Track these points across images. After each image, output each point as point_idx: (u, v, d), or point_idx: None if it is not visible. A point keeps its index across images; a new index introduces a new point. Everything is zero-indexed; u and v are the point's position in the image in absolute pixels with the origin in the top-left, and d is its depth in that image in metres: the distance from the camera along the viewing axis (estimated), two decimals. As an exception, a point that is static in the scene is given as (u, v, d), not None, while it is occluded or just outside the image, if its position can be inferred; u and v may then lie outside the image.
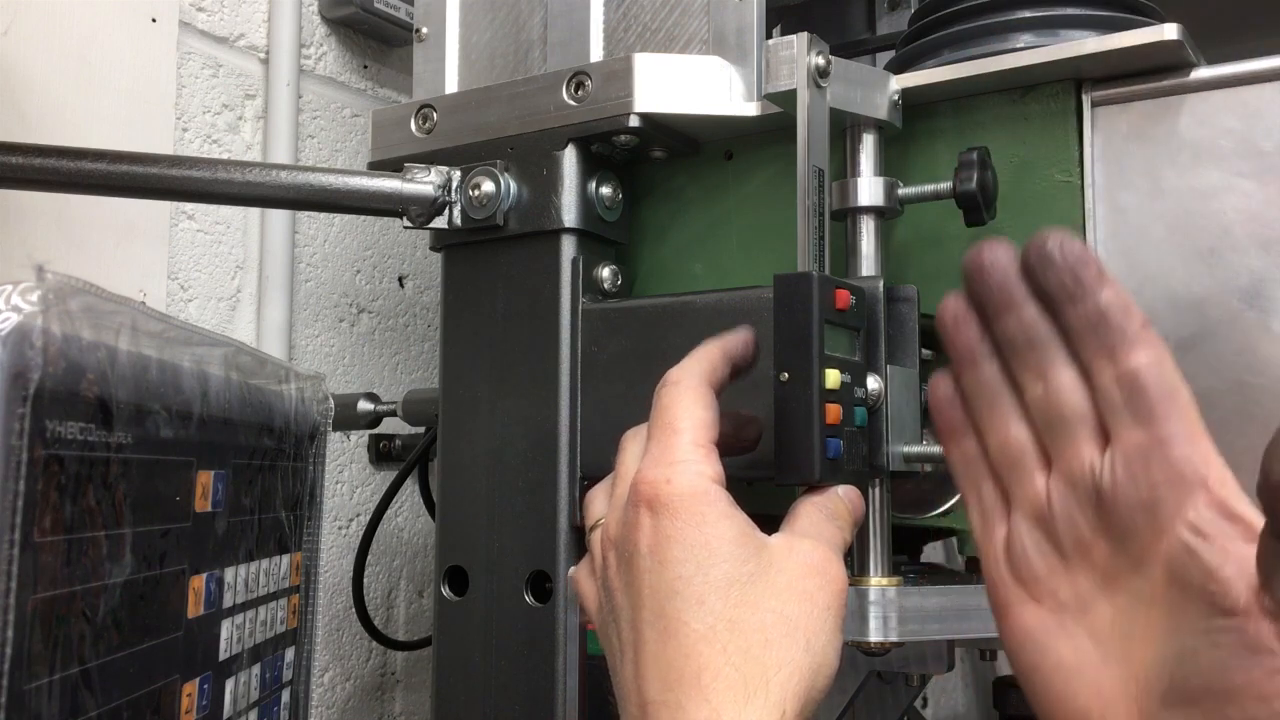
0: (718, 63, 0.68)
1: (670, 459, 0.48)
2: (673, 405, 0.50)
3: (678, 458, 0.48)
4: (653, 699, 0.44)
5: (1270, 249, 0.58)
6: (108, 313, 0.45)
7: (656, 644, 0.45)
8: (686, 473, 0.48)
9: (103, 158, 0.68)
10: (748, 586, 0.46)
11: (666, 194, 0.75)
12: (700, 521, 0.46)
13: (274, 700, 0.66)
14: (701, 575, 0.45)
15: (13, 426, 0.39)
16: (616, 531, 0.50)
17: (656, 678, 0.45)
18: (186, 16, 0.92)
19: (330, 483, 1.03)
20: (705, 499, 0.47)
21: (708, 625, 0.45)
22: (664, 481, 0.47)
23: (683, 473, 0.48)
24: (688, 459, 0.48)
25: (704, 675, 0.43)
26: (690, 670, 0.44)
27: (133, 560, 0.47)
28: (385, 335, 1.11)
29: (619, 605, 0.49)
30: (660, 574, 0.46)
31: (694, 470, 0.48)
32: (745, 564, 0.46)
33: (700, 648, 0.44)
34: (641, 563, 0.47)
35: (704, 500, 0.47)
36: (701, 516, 0.47)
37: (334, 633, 1.04)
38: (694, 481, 0.47)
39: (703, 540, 0.46)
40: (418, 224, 0.72)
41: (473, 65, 0.78)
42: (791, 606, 0.46)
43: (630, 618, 0.47)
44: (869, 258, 0.64)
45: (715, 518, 0.47)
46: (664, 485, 0.47)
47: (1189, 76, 0.60)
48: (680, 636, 0.45)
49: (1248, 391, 0.58)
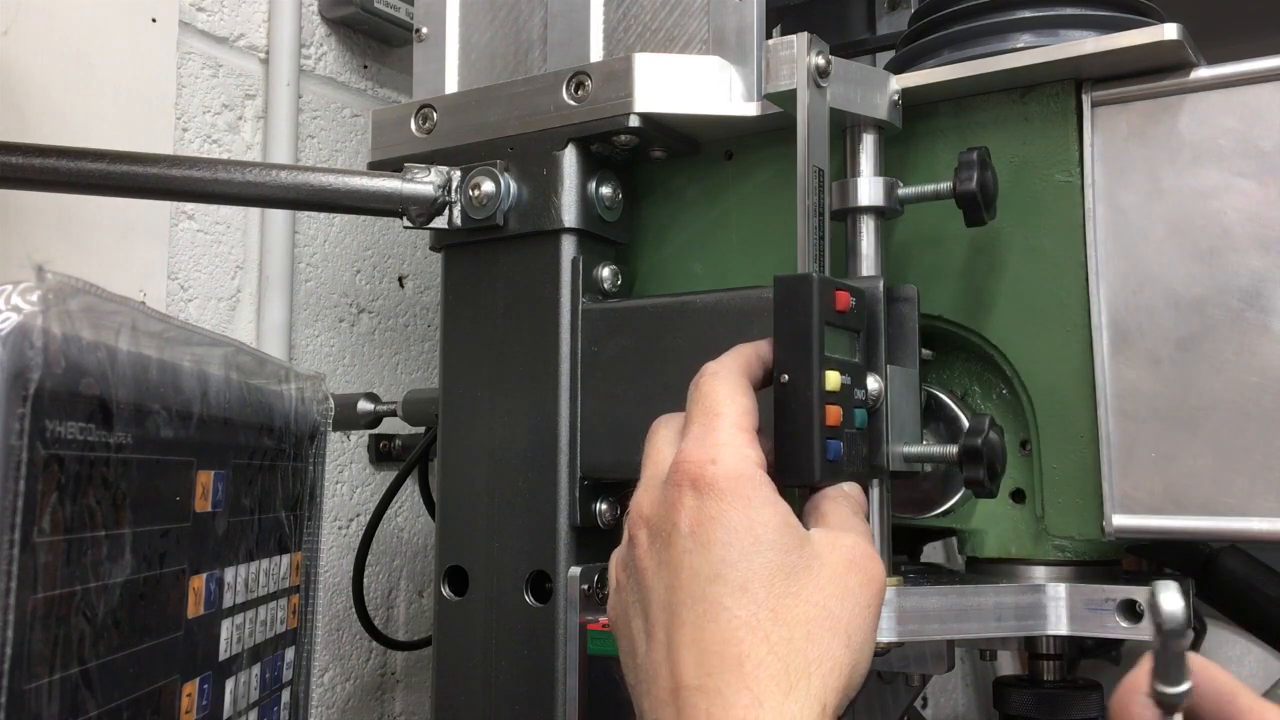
0: (718, 63, 0.68)
1: (714, 440, 0.47)
2: (713, 392, 0.49)
3: (721, 440, 0.47)
4: (688, 683, 0.43)
5: (1270, 249, 0.58)
6: (108, 313, 0.45)
7: (695, 627, 0.44)
8: (732, 455, 0.47)
9: (103, 158, 0.68)
10: (791, 577, 0.45)
11: (666, 194, 0.75)
12: (746, 505, 0.45)
13: (274, 700, 0.66)
14: (746, 561, 0.44)
15: (13, 426, 0.39)
16: (652, 510, 0.48)
17: (693, 661, 0.43)
18: (186, 16, 0.92)
19: (330, 483, 1.03)
20: (751, 482, 0.46)
21: (750, 612, 0.43)
22: (709, 462, 0.46)
23: (729, 455, 0.46)
24: (732, 441, 0.47)
25: (746, 663, 0.42)
26: (731, 656, 0.43)
27: (133, 560, 0.47)
28: (385, 335, 1.11)
29: (649, 585, 0.47)
30: (703, 555, 0.45)
31: (740, 453, 0.47)
32: (790, 553, 0.45)
33: (742, 634, 0.43)
34: (682, 542, 0.45)
35: (750, 484, 0.46)
36: (748, 500, 0.45)
37: (334, 633, 1.04)
38: (740, 464, 0.46)
39: (748, 525, 0.45)
40: (418, 224, 0.72)
41: (473, 65, 0.78)
42: (834, 601, 0.45)
43: (664, 599, 0.46)
44: (869, 258, 0.64)
45: (761, 503, 0.46)
46: (709, 465, 0.46)
47: (1189, 76, 0.60)
48: (721, 621, 0.43)
49: (1248, 391, 0.58)
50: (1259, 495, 0.57)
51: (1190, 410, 0.59)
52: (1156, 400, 0.60)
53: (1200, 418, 0.59)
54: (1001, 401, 0.68)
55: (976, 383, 0.69)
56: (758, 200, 0.72)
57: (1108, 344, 0.61)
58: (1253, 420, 0.58)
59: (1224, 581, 0.84)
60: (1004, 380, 0.67)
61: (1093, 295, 0.62)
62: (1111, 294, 0.61)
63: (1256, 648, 1.22)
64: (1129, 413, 0.60)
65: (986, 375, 0.68)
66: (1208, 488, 0.58)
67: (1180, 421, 0.59)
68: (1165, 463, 0.59)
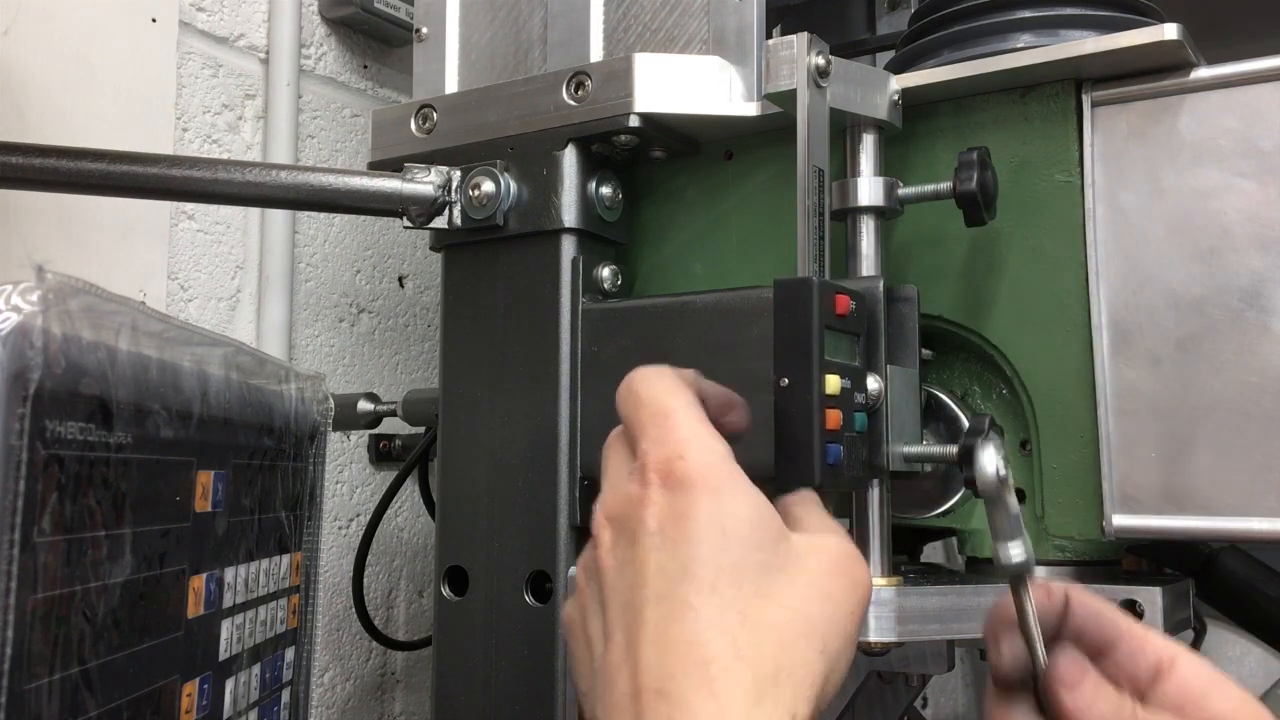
0: (718, 63, 0.68)
1: (676, 437, 0.44)
2: (652, 392, 0.46)
3: (684, 436, 0.44)
4: (649, 686, 0.40)
5: (1270, 249, 0.58)
6: (108, 313, 0.45)
7: (658, 627, 0.41)
8: (699, 448, 0.44)
9: (103, 158, 0.68)
10: (764, 577, 0.42)
11: (666, 194, 0.75)
12: (717, 500, 0.43)
13: (274, 700, 0.66)
14: (715, 558, 0.42)
15: (13, 426, 0.39)
16: (617, 509, 0.45)
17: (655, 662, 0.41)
18: (186, 16, 0.92)
19: (330, 483, 1.03)
20: (722, 475, 0.43)
21: (718, 613, 0.41)
22: (677, 458, 0.43)
23: (695, 448, 0.44)
24: (696, 435, 0.44)
25: (711, 666, 0.40)
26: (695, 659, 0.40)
27: (133, 560, 0.47)
28: (385, 335, 1.11)
29: (610, 585, 0.44)
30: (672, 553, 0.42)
31: (706, 445, 0.44)
32: (763, 551, 0.43)
33: (708, 636, 0.40)
34: (648, 540, 0.43)
35: (721, 477, 0.43)
36: (719, 494, 0.43)
37: (334, 633, 1.04)
38: (709, 457, 0.44)
39: (719, 519, 0.42)
40: (418, 224, 0.72)
41: (473, 65, 0.78)
42: (813, 606, 0.43)
43: (626, 599, 0.43)
44: (869, 258, 0.64)
45: (733, 495, 0.43)
46: (678, 462, 0.43)
47: (1189, 76, 0.60)
48: (687, 621, 0.41)
49: (1248, 391, 0.58)
50: (1259, 495, 0.57)
51: (1190, 410, 0.59)
52: (1156, 400, 0.60)
53: (1200, 418, 0.59)
54: (1001, 401, 0.68)
55: (976, 383, 0.69)
56: (758, 200, 0.72)
57: (1108, 344, 0.61)
58: (1253, 420, 0.58)
59: (1224, 581, 0.83)
60: (1004, 380, 0.67)
61: (1093, 295, 0.62)
62: (1111, 294, 0.61)
63: (1256, 648, 1.22)
64: (1129, 413, 0.60)
65: (986, 375, 0.68)
66: (1208, 488, 0.58)
67: (1180, 421, 0.59)
68: (1165, 463, 0.59)
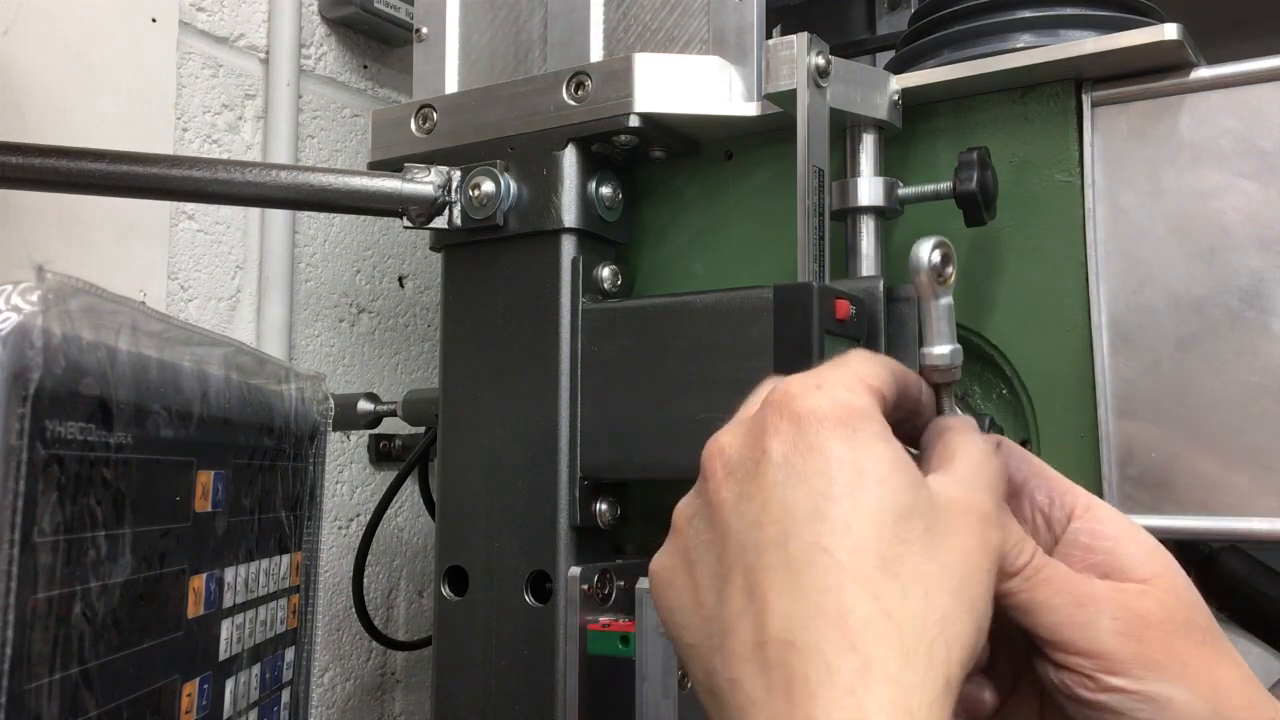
0: (718, 63, 0.68)
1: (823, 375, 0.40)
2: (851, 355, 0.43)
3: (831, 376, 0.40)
4: (777, 636, 0.36)
5: (1270, 249, 0.58)
6: (108, 313, 0.45)
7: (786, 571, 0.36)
8: (840, 386, 0.40)
9: (103, 158, 0.68)
10: (904, 522, 0.37)
11: (666, 194, 0.75)
12: (851, 436, 0.38)
13: (274, 700, 0.66)
14: (850, 497, 0.37)
15: (13, 426, 0.39)
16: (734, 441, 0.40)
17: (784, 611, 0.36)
18: (186, 16, 0.92)
19: (330, 483, 1.03)
20: (860, 414, 0.39)
21: (854, 558, 0.36)
22: (813, 387, 0.39)
23: (836, 385, 0.40)
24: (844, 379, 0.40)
25: (850, 617, 0.35)
26: (831, 607, 0.35)
27: (133, 560, 0.47)
28: (385, 335, 1.11)
29: (725, 521, 0.39)
30: (797, 487, 0.37)
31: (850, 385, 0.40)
32: (903, 493, 0.38)
33: (844, 581, 0.36)
34: (773, 473, 0.38)
35: (858, 415, 0.39)
36: (853, 431, 0.38)
37: (334, 633, 1.04)
38: (847, 396, 0.39)
39: (853, 457, 0.38)
40: (418, 224, 0.72)
41: (473, 65, 0.78)
42: (954, 558, 0.38)
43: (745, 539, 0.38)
44: (869, 258, 0.64)
45: (869, 436, 0.38)
46: (814, 391, 0.39)
47: (1189, 76, 0.60)
48: (819, 566, 0.36)
49: (1248, 391, 0.58)
50: (1259, 495, 0.57)
51: (1190, 410, 0.59)
52: (1156, 400, 0.60)
53: (1200, 418, 0.59)
54: (1001, 401, 0.68)
55: (976, 383, 0.69)
56: (758, 200, 0.72)
57: (1108, 344, 0.61)
58: (1253, 420, 0.58)
59: (1224, 581, 0.83)
60: (1004, 380, 0.67)
61: (1093, 295, 0.62)
62: (1111, 294, 0.61)
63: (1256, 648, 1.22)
64: (1129, 413, 0.60)
65: (986, 375, 0.68)
66: (1208, 488, 0.59)
67: (1180, 421, 0.59)
68: (1165, 462, 0.59)
